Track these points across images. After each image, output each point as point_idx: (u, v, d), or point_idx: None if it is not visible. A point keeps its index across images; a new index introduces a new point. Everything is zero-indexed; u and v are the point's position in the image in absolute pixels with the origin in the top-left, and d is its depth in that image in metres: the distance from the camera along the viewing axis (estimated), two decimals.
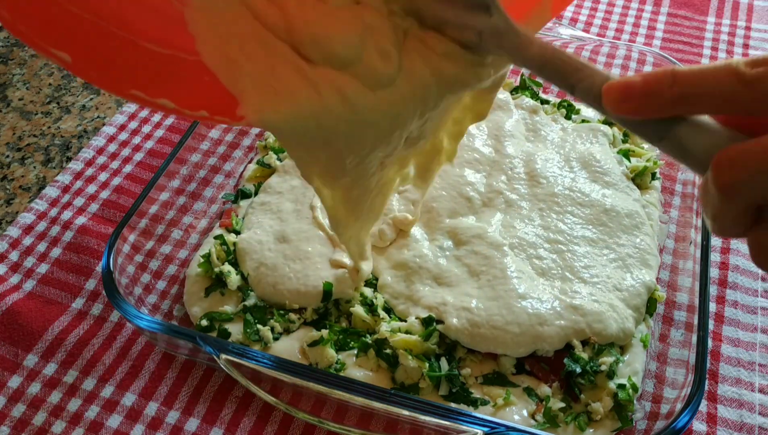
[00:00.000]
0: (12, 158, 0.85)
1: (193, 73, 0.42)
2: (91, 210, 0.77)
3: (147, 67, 0.41)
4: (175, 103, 0.40)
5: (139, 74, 0.41)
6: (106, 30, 0.39)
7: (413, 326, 0.59)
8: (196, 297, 0.65)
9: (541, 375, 0.59)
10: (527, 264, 0.64)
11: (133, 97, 0.40)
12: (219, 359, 0.55)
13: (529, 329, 0.58)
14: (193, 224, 0.73)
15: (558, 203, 0.69)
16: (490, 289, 0.61)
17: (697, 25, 1.00)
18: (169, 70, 0.41)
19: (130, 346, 0.65)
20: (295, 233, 0.67)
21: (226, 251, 0.67)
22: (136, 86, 0.40)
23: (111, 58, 0.40)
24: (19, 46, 1.01)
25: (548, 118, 0.80)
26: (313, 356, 0.59)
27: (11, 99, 0.93)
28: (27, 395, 0.62)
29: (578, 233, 0.67)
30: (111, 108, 0.91)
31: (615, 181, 0.72)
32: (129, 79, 0.40)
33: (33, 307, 0.68)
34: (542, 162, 0.73)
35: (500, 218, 0.68)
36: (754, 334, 0.66)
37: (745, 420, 0.60)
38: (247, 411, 0.61)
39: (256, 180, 0.77)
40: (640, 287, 0.63)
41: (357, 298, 0.63)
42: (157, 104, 0.40)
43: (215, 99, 0.42)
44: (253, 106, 0.41)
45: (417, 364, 0.57)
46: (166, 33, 0.41)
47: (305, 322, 0.63)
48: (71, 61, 0.38)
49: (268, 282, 0.64)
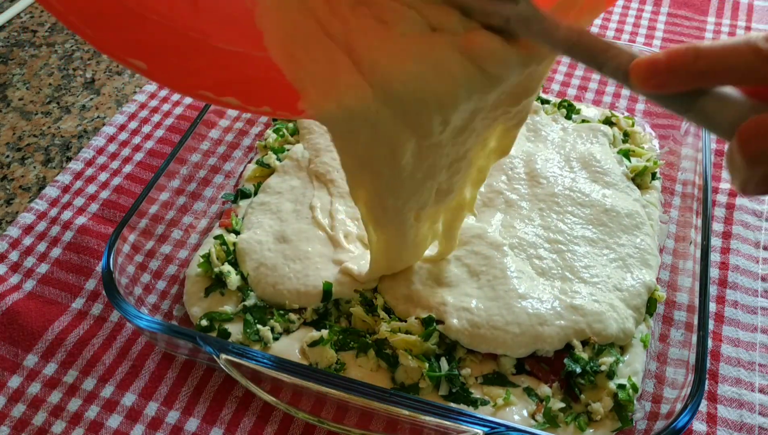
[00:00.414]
0: (12, 158, 0.85)
1: (257, 70, 0.44)
2: (91, 210, 0.77)
3: (215, 67, 0.44)
4: (240, 100, 0.43)
5: (208, 75, 0.43)
6: (179, 33, 0.42)
7: (413, 326, 0.59)
8: (195, 297, 0.65)
9: (541, 375, 0.59)
10: (527, 264, 0.64)
11: (201, 97, 0.43)
12: (219, 359, 0.55)
13: (529, 329, 0.58)
14: (193, 224, 0.73)
15: (558, 203, 0.69)
16: (490, 290, 0.61)
17: (697, 25, 1.00)
18: (236, 68, 0.44)
19: (130, 346, 0.65)
20: (294, 233, 0.67)
21: (226, 251, 0.67)
22: (205, 86, 0.43)
23: (183, 61, 0.43)
24: (19, 46, 1.01)
25: (548, 118, 0.80)
26: (313, 356, 0.59)
27: (11, 99, 0.93)
28: (27, 395, 0.62)
29: (578, 233, 0.67)
30: (111, 108, 0.91)
31: (615, 181, 0.72)
32: (199, 80, 0.43)
33: (33, 307, 0.68)
34: (542, 162, 0.73)
35: (500, 218, 0.68)
36: (754, 334, 0.66)
37: (745, 420, 0.60)
38: (247, 411, 0.61)
39: (256, 180, 0.77)
40: (641, 287, 0.63)
41: (357, 298, 0.63)
42: (223, 102, 0.43)
43: (277, 94, 0.44)
44: (311, 102, 0.43)
45: (417, 364, 0.57)
46: (236, 31, 0.43)
47: (305, 322, 0.63)
48: (147, 69, 0.41)
49: (267, 282, 0.64)
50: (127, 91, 0.94)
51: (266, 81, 0.44)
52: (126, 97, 0.93)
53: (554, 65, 0.94)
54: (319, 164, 0.74)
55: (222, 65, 0.44)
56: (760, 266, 0.71)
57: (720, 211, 0.76)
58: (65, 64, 0.98)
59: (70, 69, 0.97)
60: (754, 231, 0.74)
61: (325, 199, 0.71)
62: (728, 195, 0.77)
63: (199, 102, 0.90)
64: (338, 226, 0.68)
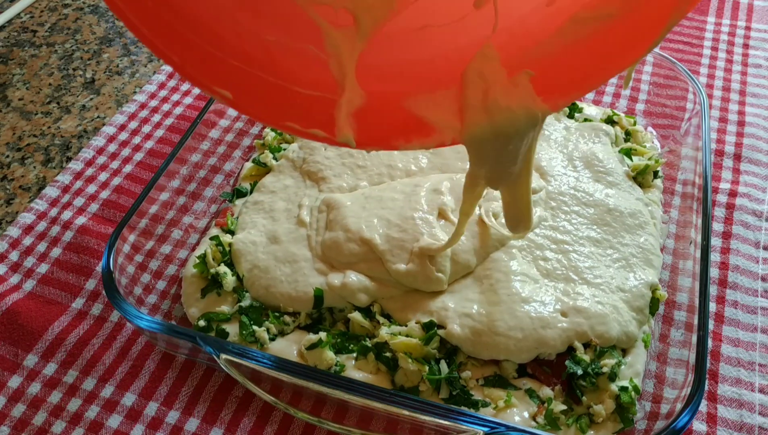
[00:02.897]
0: (12, 158, 0.85)
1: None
2: (91, 210, 0.77)
3: (297, 105, 0.44)
4: (326, 132, 0.44)
5: (291, 110, 0.44)
6: (259, 76, 0.43)
7: (413, 330, 0.59)
8: (193, 298, 0.65)
9: (543, 378, 0.59)
10: (533, 266, 0.64)
11: (288, 129, 0.44)
12: (219, 359, 0.55)
13: (532, 333, 0.58)
14: (193, 224, 0.73)
15: (566, 203, 0.69)
16: (493, 294, 0.61)
17: (697, 25, 1.00)
18: (318, 106, 0.44)
19: (130, 346, 0.65)
20: (285, 234, 0.67)
21: (222, 252, 0.67)
22: (291, 119, 0.44)
23: (266, 97, 0.44)
24: (19, 46, 1.01)
25: (551, 118, 0.80)
26: (312, 359, 0.59)
27: (11, 99, 0.93)
28: (27, 395, 0.62)
29: (583, 233, 0.66)
30: (111, 108, 0.91)
31: (618, 181, 0.72)
32: (283, 114, 0.44)
33: (33, 307, 0.68)
34: (547, 160, 0.73)
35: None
36: (754, 334, 0.66)
37: (745, 420, 0.60)
38: (247, 411, 0.61)
39: (252, 178, 0.77)
40: (643, 288, 0.63)
41: (350, 307, 0.63)
42: (310, 134, 0.44)
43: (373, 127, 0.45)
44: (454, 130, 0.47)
45: (417, 367, 0.57)
46: (313, 77, 0.44)
47: (299, 326, 0.63)
48: (232, 99, 0.42)
49: (261, 284, 0.64)
50: (127, 91, 0.94)
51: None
52: (126, 97, 0.93)
53: None
54: (311, 163, 0.74)
55: (303, 104, 0.44)
56: (760, 266, 0.71)
57: (720, 211, 0.76)
58: (65, 64, 0.98)
59: (70, 69, 0.97)
60: (754, 231, 0.74)
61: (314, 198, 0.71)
62: (728, 195, 0.77)
63: (198, 102, 0.90)
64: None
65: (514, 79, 0.43)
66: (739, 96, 0.89)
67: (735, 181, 0.79)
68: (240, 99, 0.43)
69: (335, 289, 0.62)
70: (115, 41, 1.02)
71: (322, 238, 0.66)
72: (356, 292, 0.62)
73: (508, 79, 0.43)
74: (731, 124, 0.86)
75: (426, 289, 0.62)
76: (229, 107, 0.46)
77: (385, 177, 0.72)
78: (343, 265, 0.64)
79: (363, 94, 0.42)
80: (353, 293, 0.62)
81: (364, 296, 0.62)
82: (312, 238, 0.66)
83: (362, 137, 0.44)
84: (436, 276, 0.61)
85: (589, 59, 0.43)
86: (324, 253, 0.65)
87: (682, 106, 0.80)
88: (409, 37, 0.44)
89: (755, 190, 0.78)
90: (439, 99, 0.45)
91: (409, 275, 0.61)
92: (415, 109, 0.45)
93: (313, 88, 0.44)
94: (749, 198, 0.77)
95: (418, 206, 0.66)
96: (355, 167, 0.73)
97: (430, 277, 0.61)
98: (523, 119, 0.45)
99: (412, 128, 0.46)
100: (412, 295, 0.62)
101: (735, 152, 0.82)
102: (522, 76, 0.43)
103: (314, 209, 0.69)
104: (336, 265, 0.64)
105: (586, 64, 0.44)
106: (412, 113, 0.45)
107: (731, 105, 0.88)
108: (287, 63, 0.44)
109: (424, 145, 0.47)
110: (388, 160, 0.73)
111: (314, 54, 0.42)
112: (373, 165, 0.73)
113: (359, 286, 0.62)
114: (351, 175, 0.72)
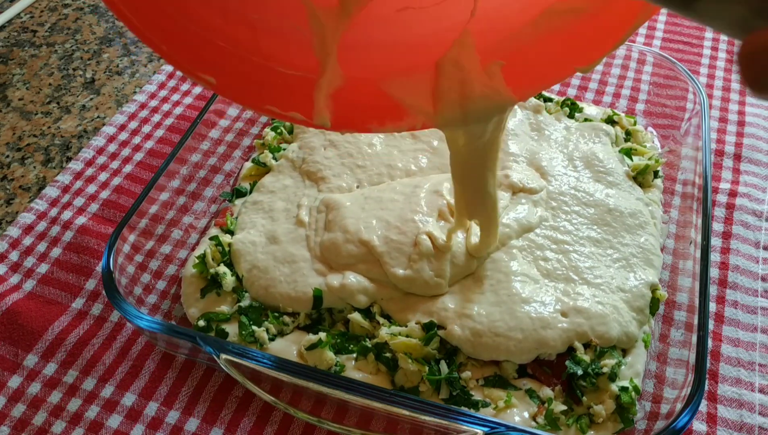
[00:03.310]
0: (12, 158, 0.85)
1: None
2: (91, 210, 0.77)
3: (279, 86, 0.45)
4: (303, 115, 0.45)
5: (272, 92, 0.45)
6: (244, 57, 0.44)
7: (414, 331, 0.59)
8: (192, 298, 0.65)
9: (543, 379, 0.59)
10: (533, 266, 0.64)
11: (268, 112, 0.46)
12: (219, 359, 0.55)
13: (532, 334, 0.58)
14: (193, 224, 0.73)
15: (566, 203, 0.69)
16: (493, 294, 0.61)
17: (697, 24, 1.00)
18: (298, 88, 0.45)
19: (130, 346, 0.65)
20: (284, 234, 0.67)
21: (221, 252, 0.67)
22: (271, 102, 0.45)
23: (248, 79, 0.45)
24: (19, 46, 1.01)
25: (552, 118, 0.80)
26: (312, 359, 0.59)
27: (11, 99, 0.93)
28: (27, 395, 0.62)
29: (584, 233, 0.66)
30: (111, 108, 0.91)
31: (618, 181, 0.72)
32: (264, 96, 0.45)
33: (33, 307, 0.68)
34: (548, 160, 0.73)
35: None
36: (754, 334, 0.66)
37: (745, 420, 0.60)
38: (247, 411, 0.61)
39: (252, 178, 0.76)
40: (644, 288, 0.63)
41: (349, 308, 0.63)
42: (288, 116, 0.45)
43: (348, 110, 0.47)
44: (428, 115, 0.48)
45: (417, 368, 0.57)
46: (295, 57, 0.45)
47: (299, 326, 0.63)
48: (216, 84, 0.43)
49: (260, 284, 0.64)
50: (127, 91, 0.94)
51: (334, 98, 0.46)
52: (126, 97, 0.93)
53: None
54: (311, 163, 0.74)
55: (284, 85, 0.45)
56: (760, 266, 0.71)
57: (720, 211, 0.76)
58: (65, 64, 0.98)
59: (70, 69, 0.97)
60: (754, 231, 0.74)
61: (314, 198, 0.71)
62: (728, 195, 0.77)
63: (198, 102, 0.90)
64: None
65: (488, 68, 0.45)
66: (739, 96, 0.89)
67: (735, 181, 0.79)
68: (223, 83, 0.44)
69: (334, 290, 0.62)
70: (115, 41, 1.02)
71: (321, 239, 0.66)
72: (355, 294, 0.62)
73: (481, 68, 0.45)
74: (731, 124, 0.86)
75: (425, 294, 0.62)
76: (213, 91, 0.46)
77: (384, 177, 0.72)
78: (342, 266, 0.64)
79: (343, 75, 0.43)
80: (352, 294, 0.62)
81: (363, 297, 0.62)
82: (311, 239, 0.66)
83: (338, 119, 0.46)
84: (435, 281, 0.61)
85: (558, 52, 0.45)
86: (322, 254, 0.65)
87: (682, 106, 0.80)
88: (390, 18, 0.45)
89: (755, 190, 0.78)
90: (415, 82, 0.46)
91: (407, 280, 0.61)
92: (391, 91, 0.46)
93: (294, 68, 0.45)
94: (749, 198, 0.77)
95: (418, 208, 0.66)
96: (354, 167, 0.73)
97: (428, 282, 0.61)
98: (493, 107, 0.47)
99: (386, 111, 0.47)
100: (412, 296, 0.62)
101: (735, 152, 0.82)
102: (494, 66, 0.45)
103: (313, 209, 0.69)
104: (334, 266, 0.64)
105: (555, 57, 0.45)
106: (387, 96, 0.46)
107: (731, 105, 0.88)
108: (271, 43, 0.44)
109: (397, 129, 0.48)
110: (387, 160, 0.73)
111: (298, 33, 0.43)
112: (373, 165, 0.73)
113: (358, 287, 0.62)
114: (350, 174, 0.72)
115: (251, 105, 0.47)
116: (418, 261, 0.62)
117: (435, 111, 0.47)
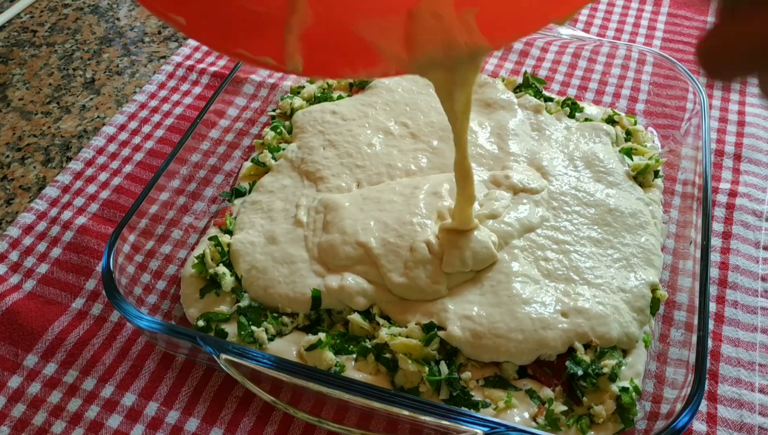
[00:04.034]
0: (12, 158, 0.85)
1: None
2: (91, 210, 0.77)
3: (249, 28, 0.45)
4: (275, 60, 0.44)
5: (242, 34, 0.45)
6: None
7: (413, 331, 0.59)
8: (192, 298, 0.65)
9: (543, 379, 0.59)
10: (534, 266, 0.64)
11: (239, 56, 0.45)
12: (219, 359, 0.55)
13: (532, 335, 0.58)
14: (193, 224, 0.73)
15: (567, 203, 0.69)
16: (493, 295, 0.61)
17: (697, 25, 1.00)
18: (268, 30, 0.45)
19: (130, 346, 0.65)
20: (282, 234, 0.67)
21: (221, 252, 0.67)
22: (241, 45, 0.44)
23: (218, 20, 0.44)
24: (19, 46, 1.01)
25: (552, 118, 0.80)
26: (311, 360, 0.59)
27: (11, 99, 0.93)
28: (27, 395, 0.62)
29: (584, 233, 0.66)
30: (111, 108, 0.91)
31: (618, 181, 0.72)
32: (234, 38, 0.45)
33: (33, 307, 0.68)
34: (548, 160, 0.73)
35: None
36: (754, 334, 0.66)
37: (745, 420, 0.60)
38: (247, 411, 0.61)
39: (251, 178, 0.76)
40: (644, 288, 0.63)
41: (349, 309, 0.63)
42: (260, 62, 0.45)
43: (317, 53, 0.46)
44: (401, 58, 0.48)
45: (417, 368, 0.57)
46: None
47: (298, 327, 0.63)
48: (186, 24, 0.42)
49: (259, 285, 0.64)
50: (127, 91, 0.94)
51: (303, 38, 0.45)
52: (126, 97, 0.93)
53: (554, 65, 0.94)
54: (309, 163, 0.74)
55: (255, 25, 0.45)
56: (760, 266, 0.71)
57: (720, 211, 0.76)
58: (65, 64, 0.98)
59: (70, 69, 0.97)
60: (754, 231, 0.74)
61: (312, 198, 0.71)
62: (728, 195, 0.77)
63: (198, 102, 0.90)
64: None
65: (461, 15, 0.44)
66: (739, 96, 0.89)
67: (735, 181, 0.79)
68: (193, 24, 0.43)
69: (333, 292, 0.62)
70: (115, 41, 1.02)
71: (319, 241, 0.66)
72: (354, 296, 0.62)
73: (456, 15, 0.44)
74: (731, 124, 0.86)
75: (423, 300, 0.62)
76: (184, 34, 0.46)
77: (384, 177, 0.72)
78: (340, 267, 0.64)
79: (312, 13, 0.43)
80: (351, 296, 0.62)
81: (362, 300, 0.62)
82: (309, 239, 0.66)
83: (309, 64, 0.45)
84: (433, 288, 0.61)
85: (534, 1, 0.45)
86: (320, 256, 0.65)
87: (682, 106, 0.80)
88: None
89: (755, 190, 0.78)
90: (388, 25, 0.46)
91: (403, 287, 0.61)
92: (363, 32, 0.45)
93: (264, 4, 0.44)
94: (749, 198, 0.77)
95: (417, 210, 0.66)
96: (353, 167, 0.73)
97: (425, 289, 0.61)
98: (466, 54, 0.47)
99: (359, 55, 0.46)
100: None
101: (735, 152, 0.82)
102: (468, 13, 0.45)
103: (311, 209, 0.69)
104: (332, 267, 0.64)
105: (530, 6, 0.45)
106: (359, 40, 0.45)
107: (731, 105, 0.88)
108: None
109: (369, 75, 0.48)
110: (387, 160, 0.73)
111: None
112: (372, 165, 0.73)
113: (357, 289, 0.62)
114: (349, 174, 0.72)
115: (222, 48, 0.46)
116: (413, 268, 0.61)
117: (408, 57, 0.46)
